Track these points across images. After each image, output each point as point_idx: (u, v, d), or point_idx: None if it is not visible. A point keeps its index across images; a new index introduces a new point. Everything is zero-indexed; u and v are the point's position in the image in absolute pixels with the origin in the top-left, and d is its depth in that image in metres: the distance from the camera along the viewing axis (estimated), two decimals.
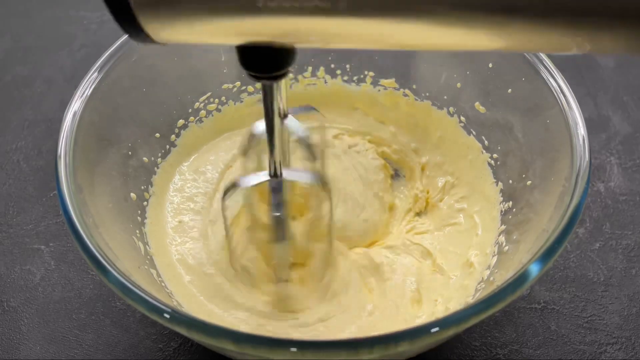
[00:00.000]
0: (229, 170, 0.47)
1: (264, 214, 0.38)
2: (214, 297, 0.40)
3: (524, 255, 0.33)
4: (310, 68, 0.50)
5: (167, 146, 0.46)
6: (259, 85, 0.48)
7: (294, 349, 0.28)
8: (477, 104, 0.45)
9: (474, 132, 0.46)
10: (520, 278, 0.30)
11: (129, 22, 0.25)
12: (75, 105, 0.38)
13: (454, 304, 0.39)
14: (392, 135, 0.49)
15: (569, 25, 0.22)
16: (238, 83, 0.49)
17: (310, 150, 0.37)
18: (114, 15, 0.25)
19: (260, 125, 0.35)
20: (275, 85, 0.30)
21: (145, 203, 0.43)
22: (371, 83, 0.50)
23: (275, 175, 0.34)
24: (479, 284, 0.39)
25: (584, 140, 0.35)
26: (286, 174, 0.35)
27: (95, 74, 0.39)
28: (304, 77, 0.50)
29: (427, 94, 0.48)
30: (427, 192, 0.47)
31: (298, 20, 0.23)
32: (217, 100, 0.48)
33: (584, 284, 0.44)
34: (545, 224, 0.34)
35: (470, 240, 0.43)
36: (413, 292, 0.41)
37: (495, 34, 0.23)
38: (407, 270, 0.42)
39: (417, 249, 0.44)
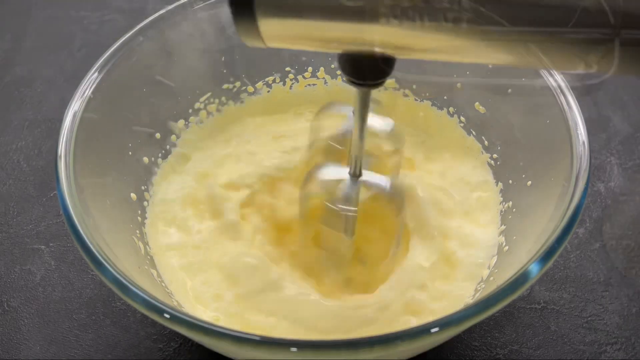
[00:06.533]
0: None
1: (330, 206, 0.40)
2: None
3: (524, 255, 0.33)
4: (310, 68, 0.50)
5: (168, 146, 0.46)
6: (259, 85, 0.49)
7: (294, 349, 0.28)
8: (477, 104, 0.45)
9: (474, 132, 0.46)
10: (520, 278, 0.30)
11: (245, 14, 0.26)
12: (76, 105, 0.38)
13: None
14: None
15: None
16: (238, 83, 0.49)
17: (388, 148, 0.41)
18: (231, 6, 0.26)
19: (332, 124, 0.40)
20: (370, 91, 0.32)
21: (145, 203, 0.43)
22: None
23: (355, 174, 0.37)
24: (478, 284, 0.39)
25: (583, 140, 0.35)
26: (366, 176, 0.37)
27: (96, 74, 0.39)
28: (304, 78, 0.50)
29: (427, 94, 0.48)
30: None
31: (415, 36, 0.25)
32: (217, 100, 0.48)
33: (583, 284, 0.44)
34: (545, 224, 0.34)
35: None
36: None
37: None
38: None
39: None
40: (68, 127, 0.37)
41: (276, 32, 0.27)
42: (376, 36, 0.26)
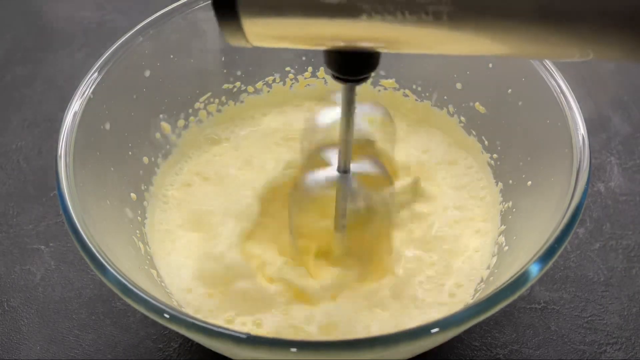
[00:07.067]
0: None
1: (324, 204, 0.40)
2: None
3: (524, 255, 0.33)
4: (310, 68, 0.50)
5: (168, 146, 0.46)
6: (259, 85, 0.49)
7: (293, 349, 0.28)
8: (477, 104, 0.45)
9: (474, 132, 0.46)
10: (520, 278, 0.30)
11: (228, 14, 0.26)
12: (75, 105, 0.38)
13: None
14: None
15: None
16: (238, 83, 0.49)
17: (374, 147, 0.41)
18: (215, 7, 0.26)
19: (321, 122, 0.40)
20: (356, 87, 0.32)
21: (145, 203, 0.43)
22: (371, 83, 0.50)
23: (345, 171, 0.37)
24: (478, 284, 0.39)
25: (584, 140, 0.35)
26: (354, 168, 0.37)
27: (95, 74, 0.39)
28: (304, 78, 0.50)
29: (427, 94, 0.48)
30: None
31: (397, 30, 0.25)
32: (217, 100, 0.48)
33: (584, 284, 0.44)
34: (545, 224, 0.34)
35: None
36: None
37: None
38: None
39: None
40: (68, 127, 0.37)
41: (260, 31, 0.27)
42: (359, 32, 0.26)
